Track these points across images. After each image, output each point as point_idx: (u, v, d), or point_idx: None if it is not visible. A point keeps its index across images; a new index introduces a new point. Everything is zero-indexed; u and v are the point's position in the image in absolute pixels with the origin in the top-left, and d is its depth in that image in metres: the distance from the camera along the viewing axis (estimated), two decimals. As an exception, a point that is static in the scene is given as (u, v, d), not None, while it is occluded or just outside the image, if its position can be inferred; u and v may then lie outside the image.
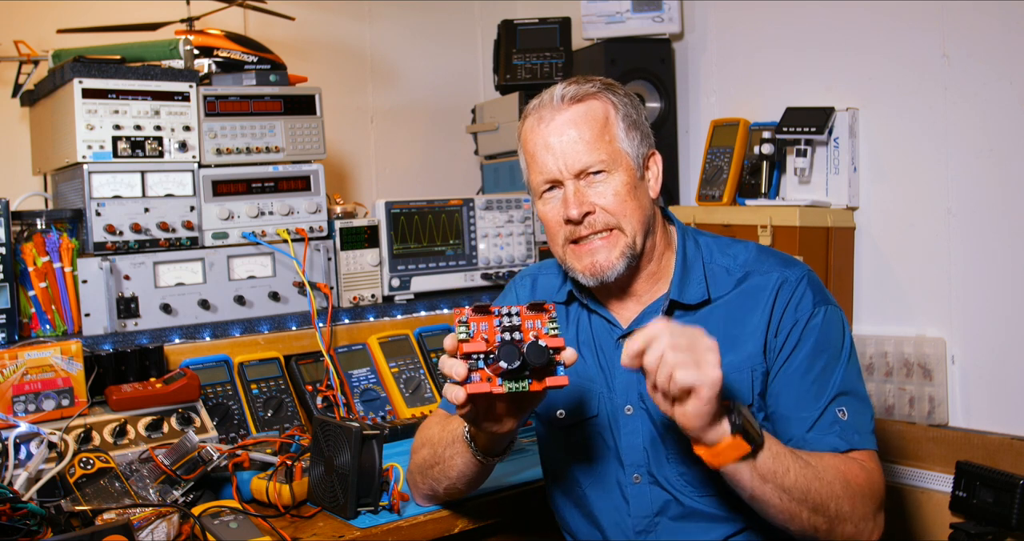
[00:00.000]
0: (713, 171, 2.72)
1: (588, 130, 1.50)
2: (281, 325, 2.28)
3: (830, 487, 1.35)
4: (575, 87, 1.53)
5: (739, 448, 1.28)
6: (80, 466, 1.63)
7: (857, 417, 1.47)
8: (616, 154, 1.51)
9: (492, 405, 1.37)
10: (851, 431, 1.45)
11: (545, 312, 1.31)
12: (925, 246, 2.35)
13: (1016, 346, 2.18)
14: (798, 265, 1.57)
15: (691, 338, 1.25)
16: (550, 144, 1.51)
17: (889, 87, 2.42)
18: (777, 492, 1.32)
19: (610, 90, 1.55)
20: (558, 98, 1.52)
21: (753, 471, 1.30)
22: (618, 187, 1.51)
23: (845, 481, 1.38)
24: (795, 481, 1.32)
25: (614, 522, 1.58)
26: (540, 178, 1.54)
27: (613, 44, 2.88)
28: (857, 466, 1.42)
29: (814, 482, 1.34)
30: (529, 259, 2.73)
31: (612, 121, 1.52)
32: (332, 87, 2.83)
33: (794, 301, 1.51)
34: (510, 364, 1.24)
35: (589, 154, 1.50)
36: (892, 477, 2.30)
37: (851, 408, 1.47)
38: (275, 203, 2.33)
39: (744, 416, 1.28)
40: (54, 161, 2.26)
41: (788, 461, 1.32)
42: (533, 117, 1.55)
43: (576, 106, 1.52)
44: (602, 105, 1.53)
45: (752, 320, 1.52)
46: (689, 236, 1.63)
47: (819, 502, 1.34)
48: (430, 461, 1.59)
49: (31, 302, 2.03)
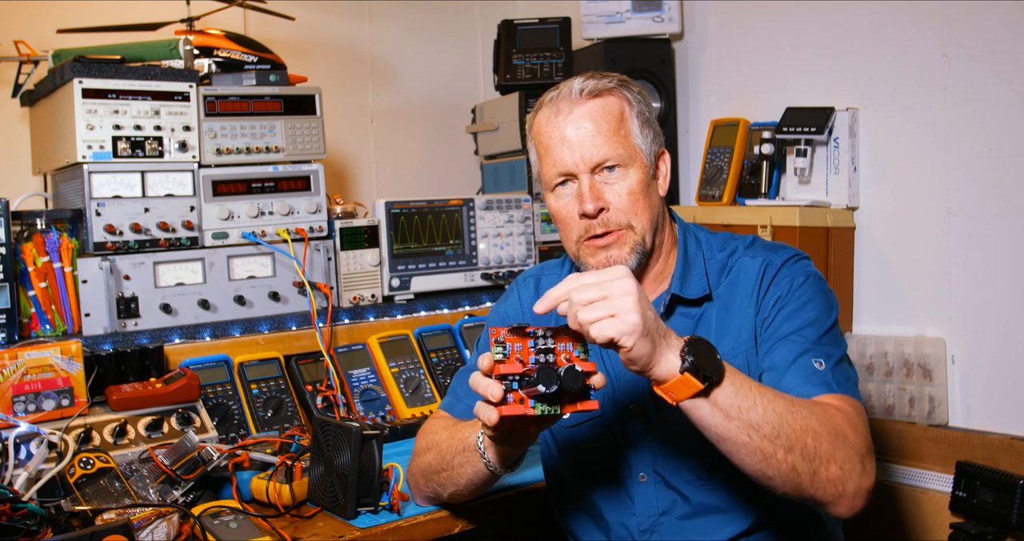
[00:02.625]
0: (713, 171, 2.72)
1: (605, 124, 1.50)
2: (281, 325, 2.28)
3: (804, 421, 1.26)
4: (594, 81, 1.52)
5: (690, 385, 1.23)
6: (80, 466, 1.63)
7: (836, 370, 1.42)
8: (632, 150, 1.51)
9: (520, 425, 1.36)
10: (829, 380, 1.40)
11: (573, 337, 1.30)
12: (925, 246, 2.35)
13: (1016, 346, 2.18)
14: (787, 249, 1.58)
15: (602, 288, 1.21)
16: (566, 136, 1.50)
17: (889, 87, 2.42)
18: (745, 429, 1.24)
19: (626, 87, 1.55)
20: (576, 91, 1.51)
21: (714, 406, 1.24)
22: (632, 185, 1.51)
23: (822, 418, 1.29)
24: (763, 416, 1.24)
25: (619, 522, 1.57)
26: (554, 171, 1.53)
27: (613, 44, 2.89)
28: (833, 408, 1.34)
29: (786, 416, 1.25)
30: (529, 259, 2.73)
31: (628, 117, 1.53)
32: (332, 87, 2.83)
33: (778, 278, 1.52)
34: (548, 388, 1.23)
35: (606, 148, 1.49)
36: (892, 477, 2.30)
37: (829, 362, 1.43)
38: (275, 203, 2.33)
39: (698, 354, 1.23)
40: (54, 161, 2.26)
41: (754, 395, 1.25)
42: (549, 109, 1.54)
43: (594, 100, 1.51)
44: (618, 101, 1.53)
45: (742, 305, 1.53)
46: (691, 233, 1.64)
47: (794, 438, 1.25)
48: (436, 467, 1.58)
49: (31, 302, 2.03)
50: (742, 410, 1.25)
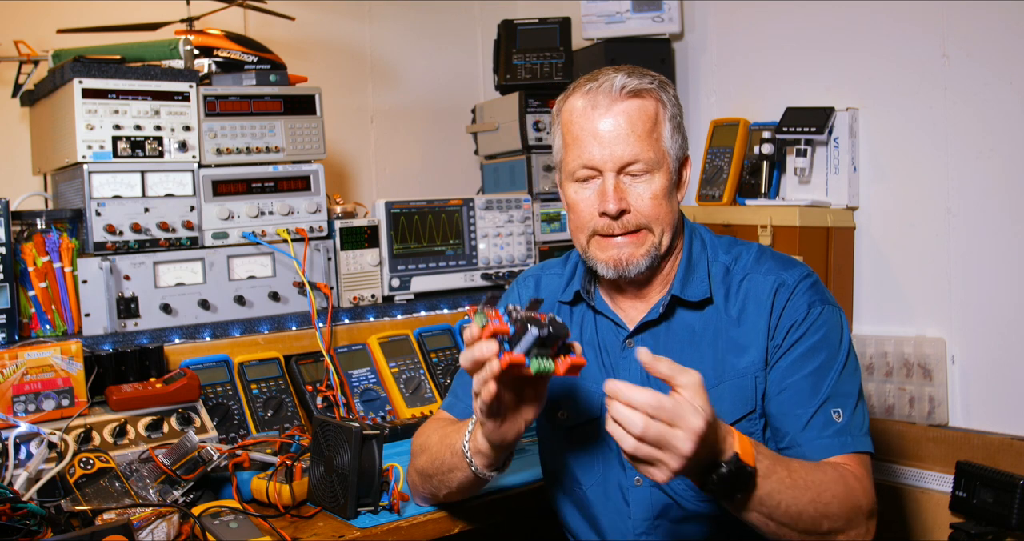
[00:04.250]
0: (713, 171, 2.72)
1: (640, 125, 1.48)
2: (281, 325, 2.28)
3: (825, 508, 1.33)
4: (636, 80, 1.49)
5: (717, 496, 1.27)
6: (80, 466, 1.63)
7: (853, 419, 1.46)
8: (661, 154, 1.50)
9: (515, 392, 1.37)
10: (846, 434, 1.44)
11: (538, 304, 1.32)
12: (925, 246, 2.35)
13: (1016, 346, 2.18)
14: (797, 266, 1.56)
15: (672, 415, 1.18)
16: (599, 131, 1.48)
17: (889, 87, 2.42)
18: (763, 519, 1.31)
19: (664, 89, 1.53)
20: (618, 88, 1.48)
21: (736, 504, 1.30)
22: (656, 190, 1.49)
23: (842, 499, 1.35)
24: (785, 511, 1.30)
25: (614, 524, 1.57)
26: (579, 162, 1.51)
27: (613, 44, 2.89)
28: (852, 477, 1.40)
29: (807, 507, 1.31)
30: (529, 259, 2.73)
31: (662, 120, 1.51)
32: (332, 87, 2.83)
33: (791, 303, 1.51)
34: (540, 331, 1.24)
35: (637, 149, 1.47)
36: (892, 477, 2.30)
37: (847, 409, 1.46)
38: (275, 203, 2.33)
39: (724, 475, 1.23)
40: (54, 161, 2.26)
41: (780, 497, 1.30)
42: (585, 100, 1.51)
43: (633, 100, 1.49)
44: (655, 103, 1.50)
45: (753, 325, 1.52)
46: (696, 235, 1.63)
47: (809, 523, 1.32)
48: (428, 470, 1.59)
49: (31, 302, 2.03)
50: (764, 506, 1.29)
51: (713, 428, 1.20)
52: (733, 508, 1.31)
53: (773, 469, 1.30)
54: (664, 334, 1.56)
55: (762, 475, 1.28)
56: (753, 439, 1.31)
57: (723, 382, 1.50)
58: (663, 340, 1.56)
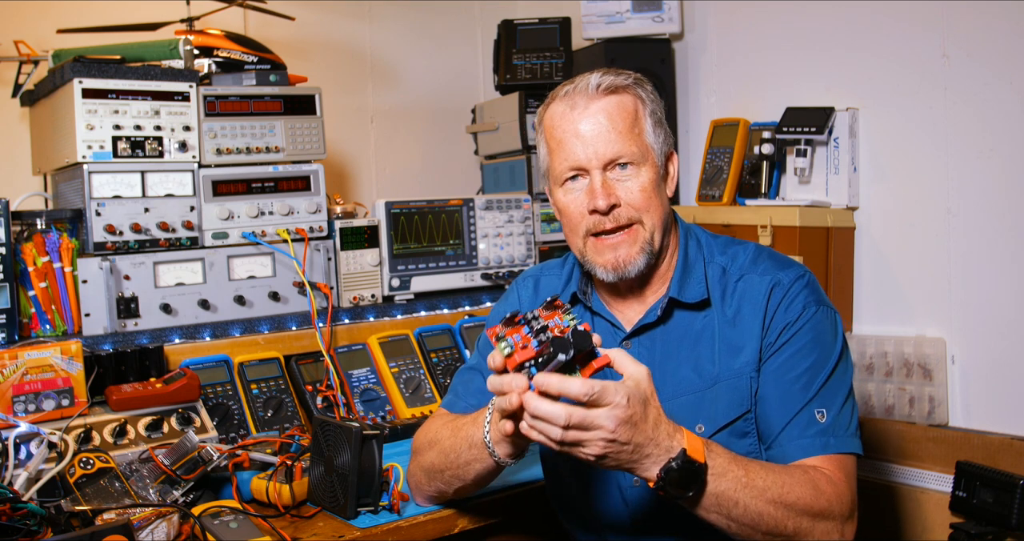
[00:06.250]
0: (713, 171, 2.72)
1: (621, 121, 1.49)
2: (281, 325, 2.28)
3: (787, 510, 1.33)
4: (611, 78, 1.51)
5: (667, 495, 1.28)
6: (80, 466, 1.63)
7: (838, 420, 1.45)
8: (644, 149, 1.51)
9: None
10: (828, 434, 1.43)
11: (557, 308, 1.32)
12: (925, 246, 2.35)
13: (1016, 346, 2.18)
14: (793, 267, 1.56)
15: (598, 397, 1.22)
16: (581, 131, 1.49)
17: (889, 87, 2.42)
18: (724, 520, 1.32)
19: (641, 85, 1.55)
20: (593, 86, 1.50)
21: (693, 504, 1.31)
22: (644, 183, 1.50)
23: (808, 501, 1.35)
24: (744, 512, 1.31)
25: (612, 524, 1.58)
26: (565, 165, 1.52)
27: (613, 44, 2.89)
28: (824, 480, 1.39)
29: (767, 508, 1.32)
30: (529, 259, 2.73)
31: (642, 116, 1.52)
32: (332, 87, 2.83)
33: (785, 303, 1.51)
34: (567, 355, 1.24)
35: (620, 144, 1.48)
36: (892, 477, 2.31)
37: (832, 410, 1.45)
38: (275, 203, 2.33)
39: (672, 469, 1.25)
40: (54, 161, 2.26)
41: (736, 495, 1.31)
42: (563, 103, 1.52)
43: (610, 97, 1.50)
44: (633, 99, 1.52)
45: (748, 325, 1.52)
46: (692, 235, 1.63)
47: (772, 525, 1.33)
48: (440, 465, 1.57)
49: (31, 302, 2.03)
50: (721, 506, 1.31)
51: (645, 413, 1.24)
52: (691, 508, 1.31)
53: (728, 468, 1.31)
54: (661, 335, 1.56)
55: (716, 473, 1.29)
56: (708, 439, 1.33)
57: (719, 383, 1.50)
58: (660, 341, 1.56)
